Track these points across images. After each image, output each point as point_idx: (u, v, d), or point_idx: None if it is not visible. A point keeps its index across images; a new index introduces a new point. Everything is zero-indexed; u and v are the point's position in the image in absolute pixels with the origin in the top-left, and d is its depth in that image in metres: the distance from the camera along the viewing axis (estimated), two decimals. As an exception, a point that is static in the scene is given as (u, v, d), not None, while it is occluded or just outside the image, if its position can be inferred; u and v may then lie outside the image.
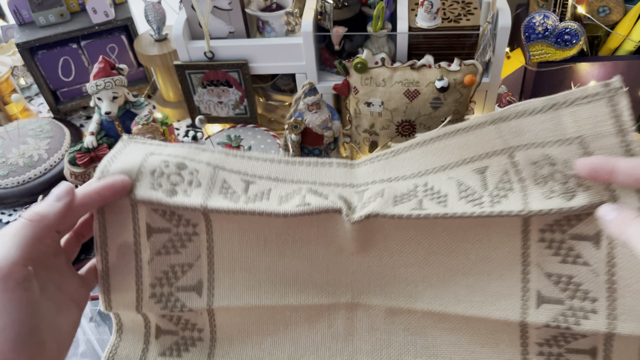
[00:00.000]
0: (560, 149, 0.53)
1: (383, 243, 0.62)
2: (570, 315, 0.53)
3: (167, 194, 0.58)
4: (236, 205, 0.58)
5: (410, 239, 0.61)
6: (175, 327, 0.63)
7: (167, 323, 0.62)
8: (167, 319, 0.62)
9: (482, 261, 0.58)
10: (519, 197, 0.55)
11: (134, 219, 0.60)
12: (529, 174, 0.55)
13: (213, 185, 0.61)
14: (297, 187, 0.62)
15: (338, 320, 0.61)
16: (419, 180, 0.62)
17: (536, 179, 0.55)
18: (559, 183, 0.53)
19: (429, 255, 0.61)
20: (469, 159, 0.60)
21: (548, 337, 0.56)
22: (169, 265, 0.61)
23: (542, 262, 0.55)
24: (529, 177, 0.55)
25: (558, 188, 0.53)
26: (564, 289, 0.54)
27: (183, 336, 0.63)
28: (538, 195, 0.54)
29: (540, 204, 0.53)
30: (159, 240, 0.60)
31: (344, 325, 0.61)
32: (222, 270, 0.62)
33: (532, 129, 0.55)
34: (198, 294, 0.62)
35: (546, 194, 0.54)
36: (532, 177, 0.55)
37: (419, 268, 0.61)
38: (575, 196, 0.52)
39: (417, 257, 0.61)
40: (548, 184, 0.54)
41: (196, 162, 0.62)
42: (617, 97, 0.50)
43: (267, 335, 0.61)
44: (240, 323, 0.63)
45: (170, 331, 0.62)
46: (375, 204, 0.58)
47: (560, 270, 0.54)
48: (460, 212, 0.55)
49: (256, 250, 0.63)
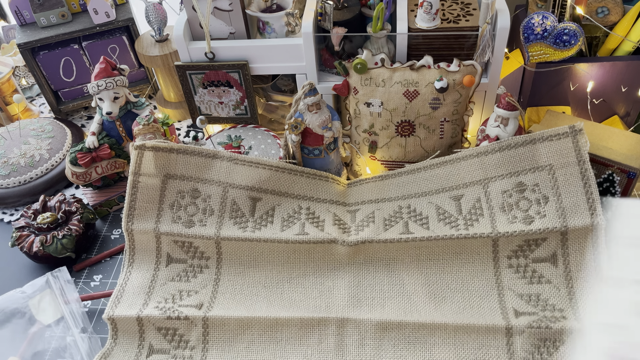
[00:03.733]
0: (532, 175, 0.68)
1: (373, 264, 0.71)
2: (545, 320, 0.62)
3: (186, 226, 0.73)
4: (244, 234, 0.72)
5: (398, 260, 0.71)
6: (169, 345, 0.67)
7: (161, 340, 0.67)
8: (162, 335, 0.67)
9: (460, 290, 0.68)
10: (488, 222, 0.69)
11: (157, 249, 0.74)
12: (497, 202, 0.69)
13: (224, 209, 0.74)
14: (298, 207, 0.75)
15: (329, 336, 0.66)
16: (403, 203, 0.75)
17: (503, 206, 0.69)
18: (521, 211, 0.68)
19: (414, 276, 0.70)
20: (447, 187, 0.74)
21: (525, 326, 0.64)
22: (178, 290, 0.71)
23: (513, 286, 0.67)
24: (497, 205, 0.69)
25: (520, 215, 0.68)
26: (535, 305, 0.65)
27: (175, 354, 0.68)
28: (504, 220, 0.68)
29: (505, 227, 0.67)
30: (176, 269, 0.73)
31: (335, 340, 0.66)
32: (223, 294, 0.71)
33: (511, 160, 0.69)
34: (198, 309, 0.69)
35: (510, 219, 0.68)
36: (500, 205, 0.69)
37: (404, 287, 0.69)
38: (533, 222, 0.66)
39: (403, 278, 0.70)
40: (512, 212, 0.68)
41: (207, 183, 0.74)
42: (579, 135, 0.66)
43: (259, 353, 0.66)
44: (232, 338, 0.68)
45: (163, 350, 0.67)
46: (368, 230, 0.71)
47: (529, 290, 0.66)
48: (442, 234, 0.68)
49: (257, 276, 0.72)
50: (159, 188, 0.74)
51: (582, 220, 0.65)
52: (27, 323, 0.72)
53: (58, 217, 0.81)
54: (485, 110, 0.84)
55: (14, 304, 0.73)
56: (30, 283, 0.75)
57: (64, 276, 0.76)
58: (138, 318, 0.67)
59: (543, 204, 0.67)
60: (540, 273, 0.67)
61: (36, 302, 0.73)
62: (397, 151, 0.80)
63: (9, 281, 0.80)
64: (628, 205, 0.57)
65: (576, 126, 0.67)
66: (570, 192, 0.67)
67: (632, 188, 0.72)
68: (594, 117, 0.86)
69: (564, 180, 0.67)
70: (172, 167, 0.74)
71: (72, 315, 0.72)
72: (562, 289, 0.65)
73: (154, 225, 0.73)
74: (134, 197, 0.73)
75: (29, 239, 0.79)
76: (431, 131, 0.78)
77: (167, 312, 0.67)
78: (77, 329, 0.70)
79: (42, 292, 0.74)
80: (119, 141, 0.88)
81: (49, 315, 0.72)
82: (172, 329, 0.68)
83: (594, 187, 0.66)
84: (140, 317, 0.67)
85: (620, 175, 0.71)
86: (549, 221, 0.66)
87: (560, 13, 0.81)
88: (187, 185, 0.74)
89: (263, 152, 0.85)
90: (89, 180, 0.86)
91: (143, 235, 0.74)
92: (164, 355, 0.67)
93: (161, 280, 0.72)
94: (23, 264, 0.83)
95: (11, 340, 0.70)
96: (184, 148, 0.74)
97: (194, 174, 0.74)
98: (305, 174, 0.77)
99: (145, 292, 0.71)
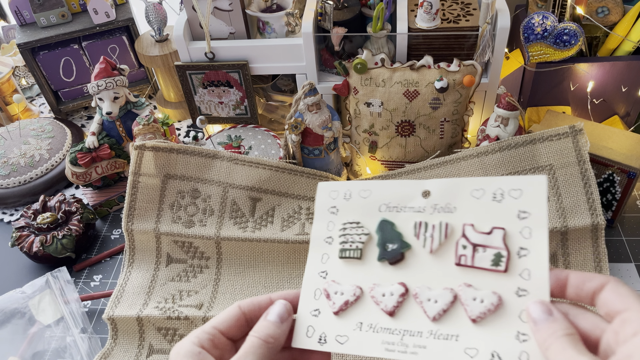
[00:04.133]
0: None
1: None
2: None
3: (186, 226, 0.73)
4: (244, 234, 0.71)
5: None
6: (169, 345, 0.68)
7: (161, 340, 0.67)
8: (162, 335, 0.67)
9: None
10: None
11: (157, 249, 0.74)
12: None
13: (224, 209, 0.74)
14: (298, 207, 0.75)
15: None
16: None
17: None
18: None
19: None
20: None
21: None
22: (178, 290, 0.71)
23: None
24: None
25: None
26: None
27: None
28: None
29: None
30: (176, 269, 0.73)
31: None
32: (223, 294, 0.71)
33: (511, 160, 0.69)
34: (198, 309, 0.69)
35: None
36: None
37: None
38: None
39: None
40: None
41: (207, 183, 0.74)
42: (580, 135, 0.66)
43: None
44: None
45: (163, 350, 0.67)
46: None
47: None
48: None
49: (257, 276, 0.72)
50: (159, 188, 0.74)
51: (582, 220, 0.65)
52: (26, 323, 0.71)
53: (58, 217, 0.81)
54: (485, 110, 0.84)
55: (14, 304, 0.73)
56: (30, 283, 0.75)
57: (63, 276, 0.76)
58: (138, 318, 0.67)
59: None
60: None
61: (36, 302, 0.73)
62: (397, 151, 0.80)
63: (9, 281, 0.80)
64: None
65: (576, 126, 0.67)
66: (571, 192, 0.67)
67: (632, 188, 0.71)
68: (594, 117, 0.86)
69: (564, 181, 0.67)
70: (172, 167, 0.74)
71: (71, 316, 0.72)
72: None
73: (154, 225, 0.73)
74: (134, 197, 0.73)
75: (29, 239, 0.79)
76: (431, 131, 0.78)
77: (167, 312, 0.67)
78: (77, 329, 0.70)
79: (41, 292, 0.74)
80: (119, 141, 0.88)
81: (49, 315, 0.72)
82: (172, 329, 0.68)
83: (594, 188, 0.66)
84: (140, 317, 0.67)
85: (620, 175, 0.71)
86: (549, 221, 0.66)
87: (560, 13, 0.81)
88: (187, 186, 0.74)
89: (263, 152, 0.85)
90: (89, 180, 0.86)
91: (143, 235, 0.74)
92: (165, 355, 0.67)
93: (161, 280, 0.72)
94: (23, 264, 0.83)
95: (11, 341, 0.70)
96: (184, 148, 0.74)
97: (194, 174, 0.75)
98: (305, 174, 0.77)
99: (145, 292, 0.71)
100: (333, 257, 0.50)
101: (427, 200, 0.49)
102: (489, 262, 0.45)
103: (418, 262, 0.48)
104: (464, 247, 0.46)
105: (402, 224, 0.50)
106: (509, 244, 0.45)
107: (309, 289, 0.49)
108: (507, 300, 0.43)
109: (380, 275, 0.48)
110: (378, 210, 0.51)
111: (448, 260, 0.47)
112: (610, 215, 0.75)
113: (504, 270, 0.44)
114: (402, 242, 0.49)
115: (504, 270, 0.44)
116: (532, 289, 0.42)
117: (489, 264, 0.45)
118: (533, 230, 0.44)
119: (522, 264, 0.43)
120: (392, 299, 0.47)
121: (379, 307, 0.47)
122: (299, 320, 0.47)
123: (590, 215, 0.65)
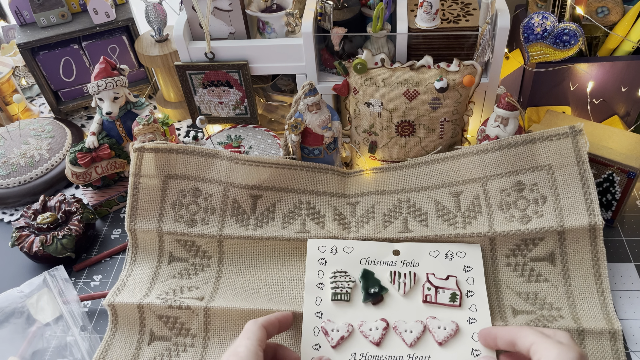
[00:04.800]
0: (531, 175, 0.68)
1: None
2: (542, 320, 0.64)
3: (189, 225, 0.73)
4: (246, 232, 0.72)
5: None
6: (170, 332, 0.67)
7: (162, 327, 0.67)
8: (163, 323, 0.67)
9: None
10: (485, 220, 0.69)
11: (160, 247, 0.75)
12: (496, 200, 0.70)
13: (226, 207, 0.74)
14: (298, 202, 0.75)
15: None
16: (403, 197, 0.75)
17: (501, 205, 0.69)
18: (519, 210, 0.68)
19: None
20: (447, 183, 0.74)
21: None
22: (179, 285, 0.72)
23: (511, 284, 0.67)
24: (495, 203, 0.69)
25: (517, 214, 0.68)
26: (532, 304, 0.66)
27: (176, 342, 0.68)
28: (501, 219, 0.68)
29: (502, 226, 0.68)
30: (177, 267, 0.74)
31: None
32: (224, 290, 0.71)
33: (511, 159, 0.69)
34: (199, 300, 0.69)
35: (507, 218, 0.68)
36: (498, 204, 0.69)
37: None
38: (530, 221, 0.67)
39: None
40: (510, 210, 0.69)
41: (208, 182, 0.74)
42: (579, 136, 0.67)
43: None
44: (234, 327, 0.68)
45: (164, 337, 0.66)
46: (368, 227, 0.72)
47: (527, 289, 0.67)
48: (440, 234, 0.69)
49: (258, 274, 0.72)
50: (160, 188, 0.74)
51: (580, 220, 0.65)
52: (25, 322, 0.72)
53: (58, 217, 0.81)
54: (485, 110, 0.84)
55: (12, 303, 0.73)
56: (28, 282, 0.75)
57: (61, 274, 0.76)
58: (139, 305, 0.67)
59: (541, 204, 0.67)
60: (538, 272, 0.67)
61: (34, 301, 0.73)
62: (397, 151, 0.80)
63: (9, 281, 0.80)
64: None
65: (576, 126, 0.67)
66: (569, 193, 0.67)
67: (632, 188, 0.72)
68: (594, 117, 0.86)
69: (562, 181, 0.67)
70: (172, 167, 0.74)
71: (70, 314, 0.72)
72: (560, 288, 0.66)
73: (156, 225, 0.73)
74: (136, 197, 0.73)
75: (29, 239, 0.79)
76: (431, 131, 0.78)
77: (168, 302, 0.67)
78: (76, 327, 0.70)
79: (39, 290, 0.74)
80: (118, 141, 0.88)
81: (48, 314, 0.72)
82: (173, 317, 0.68)
83: (592, 188, 0.66)
84: (141, 305, 0.67)
85: (620, 175, 0.71)
86: (546, 221, 0.66)
87: (560, 13, 0.81)
88: (188, 185, 0.75)
89: (263, 152, 0.85)
90: (89, 180, 0.86)
91: (146, 235, 0.74)
92: (166, 342, 0.67)
93: (163, 277, 0.73)
94: (23, 264, 0.83)
95: (10, 340, 0.70)
96: (184, 148, 0.74)
97: (194, 174, 0.75)
98: (304, 167, 0.77)
99: (146, 286, 0.71)
100: (326, 300, 0.65)
101: (398, 257, 0.68)
102: (447, 299, 0.64)
103: (394, 302, 0.65)
104: (429, 289, 0.65)
105: (380, 273, 0.67)
106: (461, 287, 0.65)
107: (308, 328, 0.63)
108: (462, 327, 0.62)
109: (366, 313, 0.64)
110: (359, 263, 0.67)
111: (417, 299, 0.64)
112: (610, 215, 0.76)
113: (459, 305, 0.63)
114: (381, 287, 0.66)
115: (459, 305, 0.63)
116: (479, 318, 0.62)
117: (447, 300, 0.64)
118: (475, 279, 0.66)
119: (470, 301, 0.64)
120: (377, 332, 0.62)
121: (367, 340, 0.62)
122: (304, 354, 0.61)
123: (588, 215, 0.65)
